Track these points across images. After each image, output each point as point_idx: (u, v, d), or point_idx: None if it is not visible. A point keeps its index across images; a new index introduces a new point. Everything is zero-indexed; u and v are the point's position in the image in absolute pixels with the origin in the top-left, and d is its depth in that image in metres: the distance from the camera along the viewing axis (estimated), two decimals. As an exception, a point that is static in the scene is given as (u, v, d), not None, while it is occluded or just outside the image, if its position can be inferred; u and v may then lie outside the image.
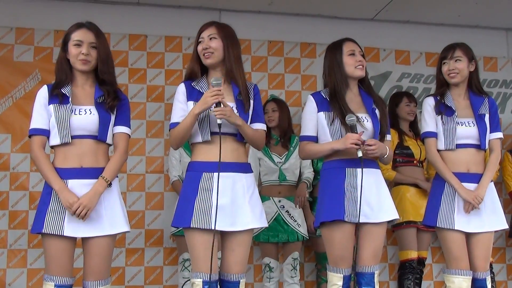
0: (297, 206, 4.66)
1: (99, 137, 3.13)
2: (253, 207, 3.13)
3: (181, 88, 3.22)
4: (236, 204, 3.07)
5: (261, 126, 3.25)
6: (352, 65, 3.40)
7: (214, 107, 3.03)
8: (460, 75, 3.64)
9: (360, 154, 3.22)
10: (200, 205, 3.05)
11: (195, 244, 3.06)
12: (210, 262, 3.03)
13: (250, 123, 3.19)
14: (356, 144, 3.21)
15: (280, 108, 4.84)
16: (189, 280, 4.27)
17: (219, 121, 3.02)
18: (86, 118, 3.11)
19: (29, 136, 3.17)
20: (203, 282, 3.02)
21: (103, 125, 3.14)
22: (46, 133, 3.13)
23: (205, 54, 3.17)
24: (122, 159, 3.20)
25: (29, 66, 4.90)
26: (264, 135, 3.27)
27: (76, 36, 3.15)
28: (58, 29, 4.90)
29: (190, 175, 3.14)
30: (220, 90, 3.03)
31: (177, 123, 3.15)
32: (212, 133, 3.11)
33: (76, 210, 2.98)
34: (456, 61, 3.64)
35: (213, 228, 3.01)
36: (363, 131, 3.30)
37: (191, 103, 3.15)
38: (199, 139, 3.13)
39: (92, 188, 3.05)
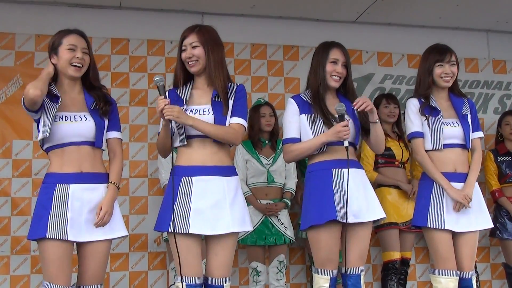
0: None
1: (97, 144, 3.14)
2: (235, 210, 3.11)
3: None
4: (216, 208, 3.06)
5: (236, 120, 3.16)
6: (328, 73, 3.42)
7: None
8: (452, 79, 3.70)
9: (346, 144, 3.25)
10: (179, 209, 3.04)
11: (176, 248, 3.05)
12: (193, 266, 3.03)
13: (229, 117, 3.16)
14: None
15: (275, 113, 4.87)
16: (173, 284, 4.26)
17: (173, 123, 3.07)
18: (82, 124, 3.09)
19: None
20: (187, 286, 3.01)
21: (99, 131, 3.15)
22: None
23: (190, 63, 3.17)
24: (122, 163, 3.28)
25: (10, 71, 4.85)
26: (238, 129, 3.15)
27: (69, 40, 3.12)
28: (39, 34, 4.87)
29: (172, 180, 3.14)
30: (164, 97, 3.04)
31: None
32: (188, 137, 3.11)
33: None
34: (452, 65, 3.69)
35: (189, 232, 3.01)
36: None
37: None
38: (177, 143, 3.16)
39: (108, 195, 3.10)
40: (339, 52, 3.44)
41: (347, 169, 3.26)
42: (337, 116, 3.30)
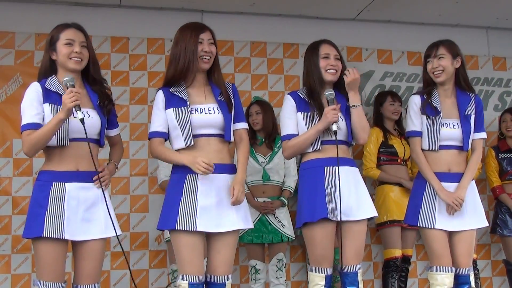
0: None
1: (102, 142, 3.16)
2: (238, 208, 3.12)
3: (160, 96, 3.19)
4: (221, 205, 3.07)
5: (241, 126, 3.25)
6: (323, 68, 3.42)
7: None
8: (444, 73, 3.61)
9: (335, 127, 3.26)
10: (185, 207, 3.04)
11: (180, 246, 3.05)
12: (196, 265, 3.03)
13: (233, 123, 3.20)
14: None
15: (263, 110, 4.83)
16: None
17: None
18: (89, 121, 3.05)
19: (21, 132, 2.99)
20: (189, 284, 3.01)
21: (103, 129, 3.15)
22: (39, 126, 2.96)
23: (205, 58, 3.14)
24: (122, 151, 3.40)
25: (10, 70, 4.86)
26: (246, 136, 3.27)
27: (66, 35, 3.09)
28: (39, 33, 4.87)
29: (174, 178, 3.14)
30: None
31: (156, 132, 3.17)
32: (195, 136, 3.10)
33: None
34: (439, 58, 3.61)
35: (197, 229, 3.01)
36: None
37: (170, 110, 3.14)
38: (181, 144, 3.13)
39: (110, 167, 3.17)
40: (328, 47, 3.46)
41: (339, 167, 3.26)
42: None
